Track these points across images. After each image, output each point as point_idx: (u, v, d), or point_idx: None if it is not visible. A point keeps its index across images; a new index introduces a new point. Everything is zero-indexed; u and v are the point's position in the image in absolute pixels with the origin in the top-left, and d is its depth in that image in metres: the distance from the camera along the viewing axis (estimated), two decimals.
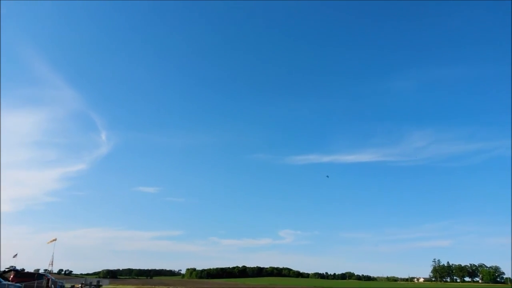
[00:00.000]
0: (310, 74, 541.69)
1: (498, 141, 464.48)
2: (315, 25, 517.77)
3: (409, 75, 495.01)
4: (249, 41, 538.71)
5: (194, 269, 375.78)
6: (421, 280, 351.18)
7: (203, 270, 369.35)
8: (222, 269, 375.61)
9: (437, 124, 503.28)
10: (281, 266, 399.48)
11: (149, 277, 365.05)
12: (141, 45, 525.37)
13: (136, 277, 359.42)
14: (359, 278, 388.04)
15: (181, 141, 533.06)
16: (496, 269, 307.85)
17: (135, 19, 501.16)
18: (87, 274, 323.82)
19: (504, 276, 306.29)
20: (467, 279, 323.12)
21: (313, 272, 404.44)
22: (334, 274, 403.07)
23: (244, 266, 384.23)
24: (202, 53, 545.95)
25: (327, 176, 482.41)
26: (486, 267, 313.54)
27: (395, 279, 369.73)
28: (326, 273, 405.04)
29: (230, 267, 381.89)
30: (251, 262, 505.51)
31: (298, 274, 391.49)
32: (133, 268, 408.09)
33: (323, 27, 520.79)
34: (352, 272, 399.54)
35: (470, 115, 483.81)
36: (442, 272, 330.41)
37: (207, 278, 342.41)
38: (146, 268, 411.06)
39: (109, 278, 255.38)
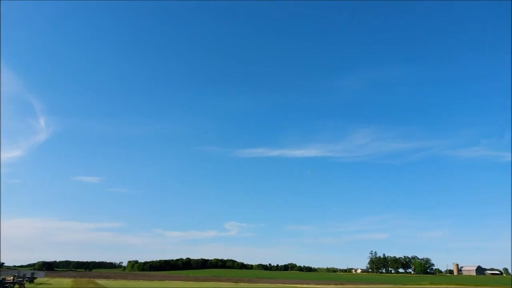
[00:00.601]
0: (263, 69, 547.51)
1: (435, 140, 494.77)
2: (271, 21, 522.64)
3: (357, 74, 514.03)
4: (205, 34, 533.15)
5: (136, 262, 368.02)
6: (359, 271, 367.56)
7: (145, 263, 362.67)
8: (165, 261, 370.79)
9: (380, 122, 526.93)
10: (225, 258, 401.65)
11: (88, 270, 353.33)
12: (88, 32, 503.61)
13: (74, 270, 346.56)
14: (301, 269, 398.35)
15: (128, 130, 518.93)
16: (427, 261, 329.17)
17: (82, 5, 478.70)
18: (21, 266, 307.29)
19: (434, 267, 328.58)
20: (401, 270, 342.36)
21: (257, 263, 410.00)
22: (277, 265, 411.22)
23: (188, 258, 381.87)
24: (154, 44, 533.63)
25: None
26: (418, 259, 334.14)
27: (334, 270, 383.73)
28: (270, 264, 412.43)
29: (174, 259, 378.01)
30: (196, 254, 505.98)
31: (242, 266, 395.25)
32: (71, 260, 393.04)
33: (279, 23, 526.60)
34: (294, 263, 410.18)
35: (410, 114, 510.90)
36: (378, 263, 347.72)
37: (150, 271, 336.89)
38: (85, 261, 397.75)
39: (44, 270, 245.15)
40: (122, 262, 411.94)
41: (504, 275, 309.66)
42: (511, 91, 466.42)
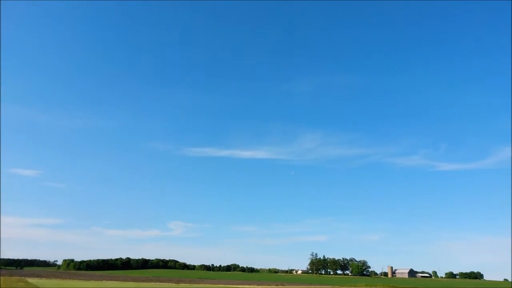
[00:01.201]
0: (217, 69, 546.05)
1: (376, 148, 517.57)
2: (226, 22, 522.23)
3: (308, 81, 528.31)
4: (156, 23, 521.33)
5: (72, 260, 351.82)
6: (299, 272, 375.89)
7: (82, 262, 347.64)
8: (103, 260, 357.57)
9: (327, 128, 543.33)
10: (168, 258, 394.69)
11: (19, 268, 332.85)
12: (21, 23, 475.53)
13: (4, 267, 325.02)
14: (243, 270, 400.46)
15: (70, 121, 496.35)
16: (364, 263, 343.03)
17: None
18: None
19: (370, 270, 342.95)
20: (339, 272, 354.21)
21: (199, 264, 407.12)
22: (220, 266, 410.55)
23: (128, 258, 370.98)
24: (106, 32, 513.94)
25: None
26: (356, 261, 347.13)
27: (276, 271, 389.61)
28: (212, 265, 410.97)
29: (113, 258, 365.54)
30: (137, 254, 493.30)
31: (184, 266, 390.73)
32: (1, 257, 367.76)
33: (234, 25, 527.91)
34: (237, 264, 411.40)
35: (355, 122, 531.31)
36: (318, 265, 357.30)
37: (86, 270, 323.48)
38: (16, 258, 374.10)
39: None
40: (57, 261, 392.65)
41: (433, 277, 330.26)
42: (450, 105, 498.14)
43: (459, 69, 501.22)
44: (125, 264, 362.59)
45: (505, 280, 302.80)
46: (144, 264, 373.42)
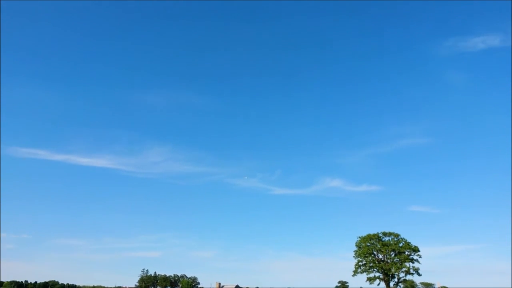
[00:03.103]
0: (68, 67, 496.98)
1: (220, 168, 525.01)
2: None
3: (163, 93, 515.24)
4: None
5: None
6: None
7: None
8: None
9: (176, 143, 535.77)
10: None
11: None
12: None
13: None
14: (63, 286, 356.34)
15: None
16: (194, 279, 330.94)
17: None
18: None
19: (199, 286, 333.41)
20: None
21: (10, 280, 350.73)
22: (36, 282, 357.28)
23: None
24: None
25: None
26: (187, 277, 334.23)
27: None
28: (26, 281, 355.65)
29: None
30: None
31: None
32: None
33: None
34: (56, 280, 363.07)
35: (202, 141, 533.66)
36: (148, 281, 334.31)
37: None
38: None
39: None
40: None
41: None
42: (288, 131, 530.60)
43: (298, 103, 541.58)
44: None
45: None
46: None
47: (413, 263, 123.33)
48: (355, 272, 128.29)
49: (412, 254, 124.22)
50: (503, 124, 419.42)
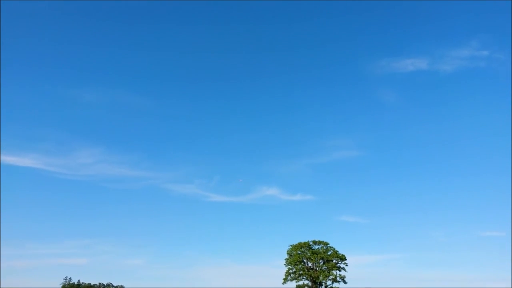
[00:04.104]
0: None
1: (157, 172, 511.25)
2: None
3: (99, 91, 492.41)
4: None
5: None
6: None
7: None
8: None
9: (110, 145, 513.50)
10: None
11: None
12: None
13: None
14: None
15: None
16: (121, 287, 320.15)
17: None
18: None
19: None
20: None
21: None
22: None
23: None
24: None
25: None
26: (113, 286, 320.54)
27: None
28: None
29: None
30: None
31: None
32: None
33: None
34: None
35: (139, 143, 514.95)
36: None
37: None
38: None
39: None
40: None
41: None
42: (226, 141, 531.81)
43: (239, 109, 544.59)
44: None
45: None
46: None
47: (340, 271, 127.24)
48: (285, 280, 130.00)
49: (340, 262, 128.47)
50: (429, 139, 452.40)
